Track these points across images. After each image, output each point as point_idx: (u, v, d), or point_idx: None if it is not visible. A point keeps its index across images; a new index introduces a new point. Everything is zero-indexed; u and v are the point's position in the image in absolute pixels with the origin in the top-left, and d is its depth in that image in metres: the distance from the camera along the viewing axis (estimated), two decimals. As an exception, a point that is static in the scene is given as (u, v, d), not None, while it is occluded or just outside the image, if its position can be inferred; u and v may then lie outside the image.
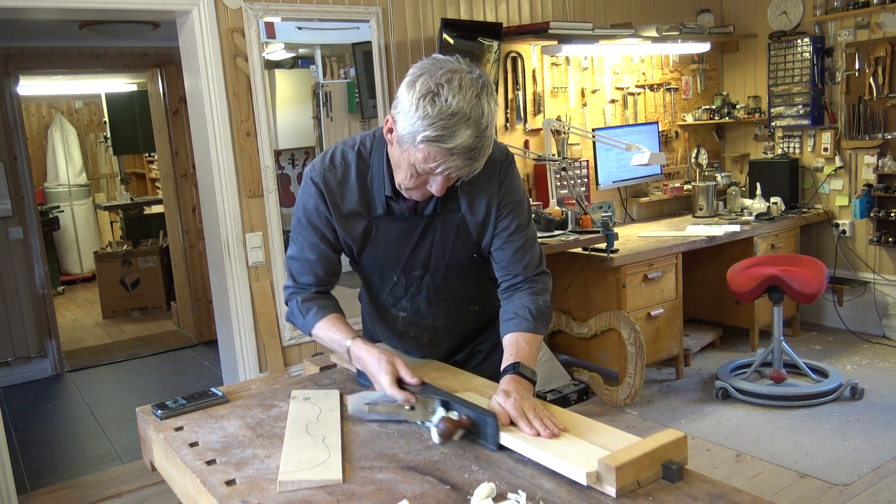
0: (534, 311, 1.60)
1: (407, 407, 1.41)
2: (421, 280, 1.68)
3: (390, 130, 1.44)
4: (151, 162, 8.81)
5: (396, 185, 1.52)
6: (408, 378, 1.47)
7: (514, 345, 1.56)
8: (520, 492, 1.14)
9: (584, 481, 1.15)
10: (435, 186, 1.45)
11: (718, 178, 5.00)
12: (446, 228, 1.62)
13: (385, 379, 1.46)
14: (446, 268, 1.66)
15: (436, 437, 1.34)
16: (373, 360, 1.51)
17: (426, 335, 1.78)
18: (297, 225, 1.66)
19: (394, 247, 1.64)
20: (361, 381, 1.66)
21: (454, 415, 1.36)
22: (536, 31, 4.04)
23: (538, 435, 1.29)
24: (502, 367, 1.53)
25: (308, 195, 1.62)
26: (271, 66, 3.67)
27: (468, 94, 1.33)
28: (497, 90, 4.15)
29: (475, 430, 1.34)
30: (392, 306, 1.75)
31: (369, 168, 1.59)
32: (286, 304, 1.73)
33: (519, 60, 4.29)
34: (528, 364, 1.52)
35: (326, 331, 1.64)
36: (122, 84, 7.56)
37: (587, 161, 4.53)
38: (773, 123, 4.94)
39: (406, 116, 1.36)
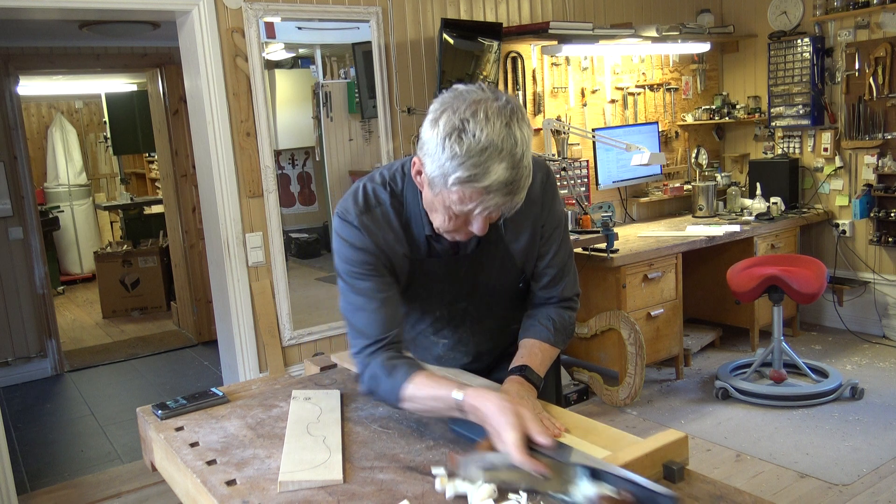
0: (558, 324, 1.58)
1: (541, 476, 1.14)
2: (465, 312, 1.62)
3: (419, 173, 1.33)
4: (151, 162, 8.81)
5: (435, 229, 1.40)
6: (539, 437, 1.20)
7: (528, 350, 1.53)
8: (520, 492, 1.14)
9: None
10: (476, 226, 1.32)
11: (718, 178, 5.00)
12: (491, 262, 1.54)
13: (511, 436, 1.18)
14: (490, 298, 1.60)
15: None
16: (494, 410, 1.24)
17: (467, 358, 1.71)
18: (346, 275, 1.46)
19: (438, 285, 1.55)
20: (456, 428, 1.39)
21: (609, 490, 1.08)
22: (536, 31, 4.04)
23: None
24: (510, 368, 1.50)
25: (350, 240, 1.44)
26: (271, 66, 3.67)
27: (497, 125, 1.22)
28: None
29: None
30: (432, 334, 1.67)
31: (404, 207, 1.46)
32: (360, 373, 1.46)
33: (519, 60, 4.29)
34: (536, 369, 1.49)
35: (424, 387, 1.36)
36: (122, 84, 7.56)
37: (587, 161, 4.53)
38: (773, 123, 4.94)
39: (434, 158, 1.25)
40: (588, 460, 1.14)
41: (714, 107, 5.13)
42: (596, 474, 1.10)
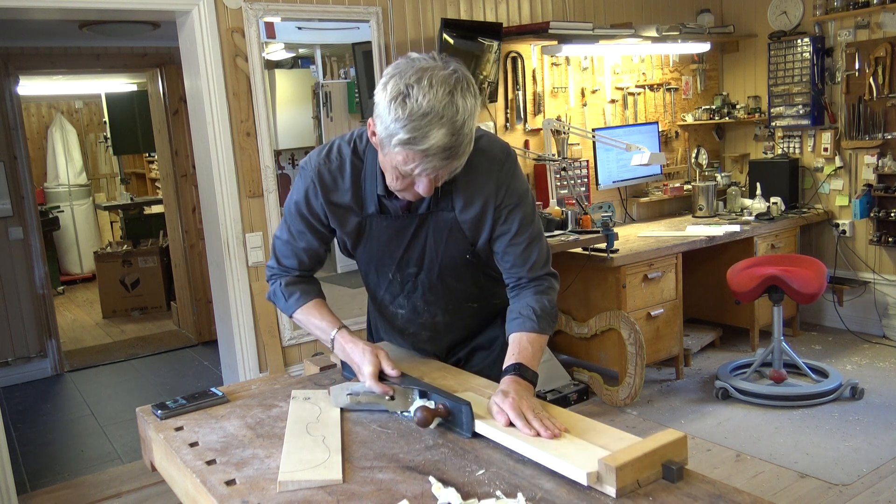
0: (538, 310, 1.59)
1: (387, 398, 1.47)
2: (416, 278, 1.67)
3: (373, 134, 1.41)
4: (151, 162, 8.81)
5: (388, 187, 1.51)
6: (388, 370, 1.50)
7: (517, 345, 1.56)
8: (519, 494, 1.14)
9: (584, 481, 1.15)
10: (421, 187, 1.42)
11: (718, 178, 5.00)
12: (439, 227, 1.60)
13: (368, 370, 1.49)
14: (440, 266, 1.65)
15: (415, 423, 1.39)
16: (357, 351, 1.55)
17: (425, 332, 1.78)
18: (288, 212, 1.67)
19: (387, 245, 1.63)
20: (345, 372, 1.70)
21: (431, 404, 1.41)
22: (536, 31, 4.04)
23: (538, 435, 1.29)
24: (503, 367, 1.53)
25: (302, 186, 1.63)
26: (271, 66, 3.67)
27: (439, 93, 1.30)
28: (497, 90, 4.15)
29: (451, 419, 1.39)
30: (390, 304, 1.76)
31: (363, 164, 1.58)
32: (268, 281, 1.76)
33: (519, 60, 4.29)
34: (529, 365, 1.52)
35: (309, 317, 1.67)
36: (122, 84, 7.56)
37: (587, 161, 4.53)
38: (773, 123, 4.94)
39: (382, 120, 1.34)
40: (419, 384, 1.47)
41: (714, 107, 5.13)
42: (425, 394, 1.44)
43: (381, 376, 1.50)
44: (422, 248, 1.63)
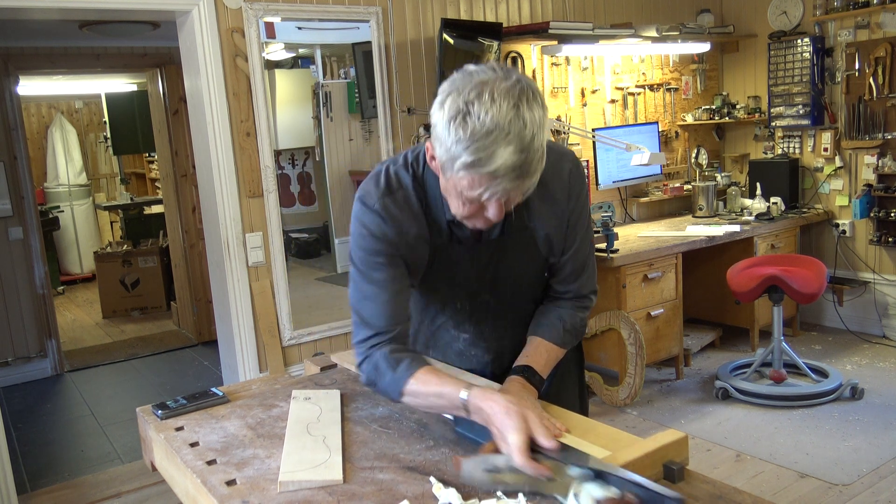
0: (568, 325, 1.53)
1: (544, 478, 1.14)
2: (486, 305, 1.56)
3: (433, 158, 1.29)
4: (151, 162, 8.81)
5: (454, 215, 1.35)
6: (544, 441, 1.18)
7: (534, 349, 1.51)
8: (520, 494, 1.14)
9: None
10: (492, 212, 1.27)
11: (718, 178, 5.00)
12: (515, 250, 1.48)
13: (516, 439, 1.17)
14: (513, 289, 1.55)
15: None
16: (499, 412, 1.22)
17: (489, 356, 1.64)
18: (361, 264, 1.43)
19: (460, 273, 1.50)
20: (459, 430, 1.38)
21: (614, 492, 1.07)
22: (536, 31, 4.04)
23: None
24: (513, 366, 1.49)
25: (370, 226, 1.41)
26: (271, 66, 3.67)
27: (504, 107, 1.16)
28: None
29: None
30: (454, 328, 1.62)
31: (425, 190, 1.42)
32: (359, 364, 1.44)
33: (519, 60, 4.29)
34: (539, 371, 1.47)
35: (428, 383, 1.34)
36: (122, 84, 7.56)
37: (587, 161, 4.53)
38: (773, 123, 4.94)
39: (441, 142, 1.21)
40: (591, 462, 1.13)
41: (714, 107, 5.13)
42: (600, 476, 1.10)
43: (533, 448, 1.18)
44: (494, 274, 1.51)
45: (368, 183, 1.45)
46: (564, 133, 4.31)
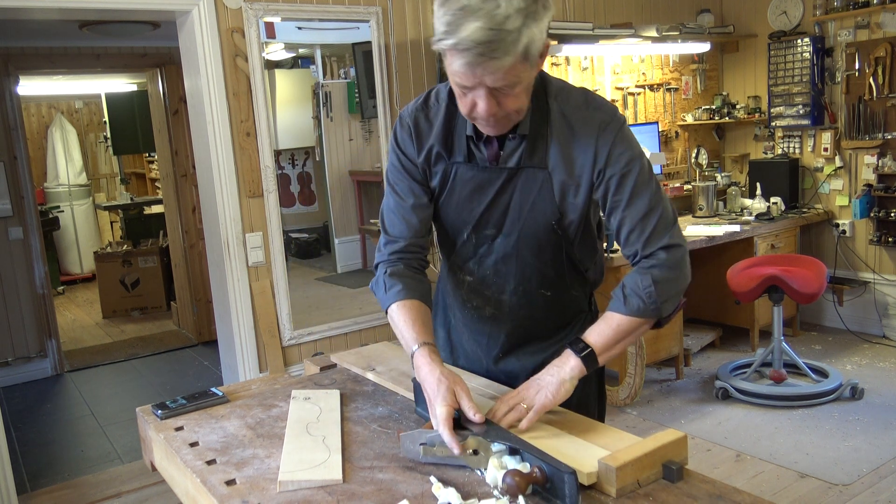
0: (627, 289, 1.43)
1: (469, 451, 1.21)
2: (492, 242, 1.53)
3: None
4: (151, 162, 8.81)
5: (463, 114, 1.39)
6: (470, 413, 1.27)
7: (597, 322, 1.46)
8: (520, 498, 1.14)
9: (584, 481, 1.15)
10: (481, 105, 1.30)
11: (718, 178, 5.00)
12: (528, 185, 1.46)
13: (441, 411, 1.26)
14: (521, 231, 1.50)
15: (501, 493, 1.13)
16: (433, 380, 1.32)
17: (489, 308, 1.61)
18: (390, 171, 1.56)
19: (469, 198, 1.50)
20: (419, 409, 1.48)
21: (525, 466, 1.16)
22: (536, 31, 4.03)
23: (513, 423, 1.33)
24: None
25: (399, 139, 1.54)
26: (271, 66, 3.67)
27: None
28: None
29: (549, 487, 1.13)
30: (460, 268, 1.61)
31: (457, 108, 1.44)
32: (375, 265, 1.58)
33: (519, 60, 4.28)
34: (590, 342, 1.40)
35: (399, 318, 1.47)
36: (122, 84, 7.56)
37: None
38: (773, 123, 4.94)
39: (434, 28, 1.28)
40: (509, 438, 1.22)
41: (714, 107, 5.14)
42: (516, 452, 1.19)
43: (460, 423, 1.27)
44: (505, 206, 1.49)
45: (415, 100, 1.57)
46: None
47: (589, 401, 1.66)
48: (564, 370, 1.38)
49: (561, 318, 1.63)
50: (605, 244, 3.84)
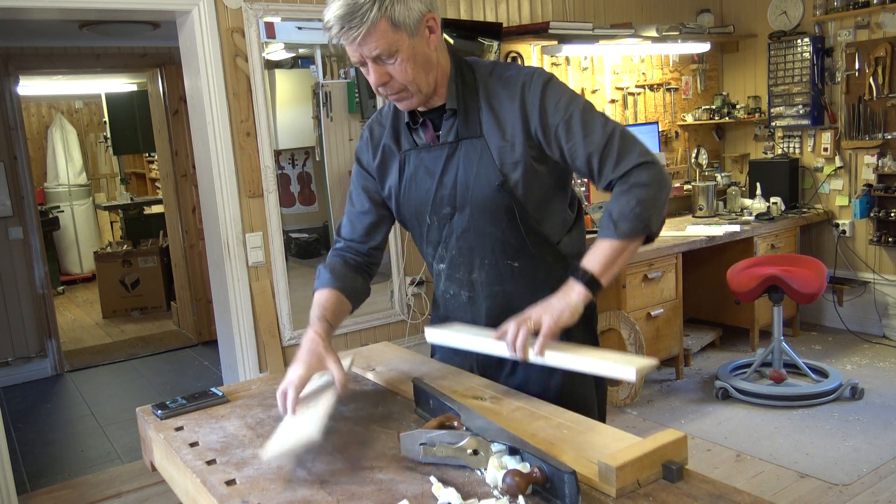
0: (615, 213, 1.46)
1: (469, 451, 1.22)
2: (451, 220, 1.58)
3: None
4: (151, 162, 8.81)
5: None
6: (334, 371, 1.41)
7: (591, 249, 1.49)
8: (520, 495, 1.14)
9: (633, 377, 1.28)
10: (371, 77, 1.45)
11: (718, 178, 5.00)
12: (469, 156, 1.53)
13: (294, 371, 1.42)
14: (471, 203, 1.54)
15: (501, 493, 1.14)
16: (303, 347, 1.47)
17: (464, 292, 1.65)
18: (352, 179, 1.71)
19: (422, 181, 1.58)
20: (419, 409, 1.51)
21: (525, 466, 1.16)
22: (536, 31, 4.04)
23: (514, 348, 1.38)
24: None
25: (357, 150, 1.69)
26: (271, 66, 3.67)
27: None
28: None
29: (549, 487, 1.12)
30: (433, 258, 1.67)
31: None
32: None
33: (519, 60, 4.29)
34: (589, 267, 1.45)
35: (314, 303, 1.60)
36: (122, 84, 7.56)
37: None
38: (773, 123, 4.94)
39: None
40: (509, 438, 1.22)
41: (714, 107, 5.14)
42: (516, 452, 1.19)
43: (459, 423, 1.29)
44: (453, 181, 1.55)
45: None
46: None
47: (589, 401, 1.65)
48: (571, 296, 1.43)
49: (538, 291, 1.57)
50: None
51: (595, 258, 1.46)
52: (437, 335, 1.60)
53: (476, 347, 1.53)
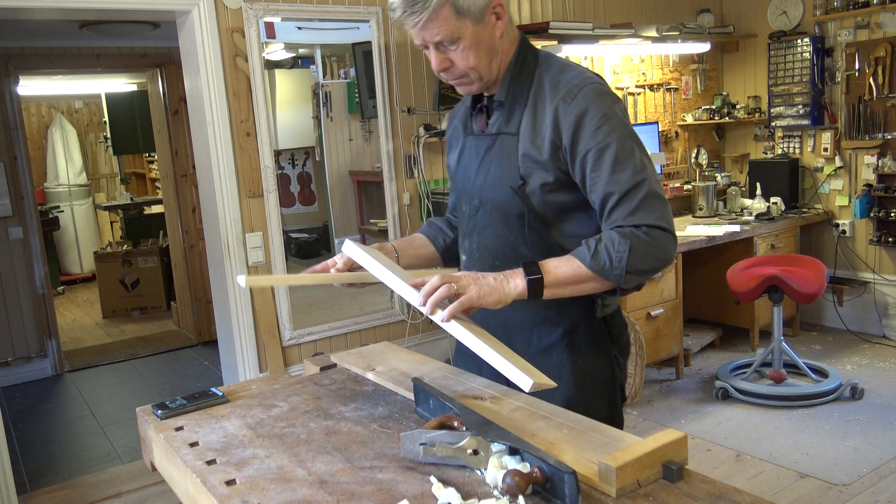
0: (602, 244, 1.35)
1: (469, 451, 1.21)
2: (476, 213, 1.56)
3: None
4: (151, 162, 8.81)
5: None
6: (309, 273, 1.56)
7: (561, 258, 1.39)
8: (520, 495, 1.14)
9: (527, 389, 1.24)
10: (433, 61, 1.45)
11: (718, 178, 5.00)
12: (501, 153, 1.50)
13: (332, 260, 1.56)
14: (493, 199, 1.51)
15: (501, 493, 1.13)
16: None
17: None
18: None
19: (467, 168, 1.59)
20: (419, 409, 1.47)
21: (525, 466, 1.15)
22: (536, 31, 4.04)
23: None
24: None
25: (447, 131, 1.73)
26: (271, 66, 3.67)
27: None
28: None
29: (549, 487, 1.12)
30: (461, 249, 1.66)
31: None
32: None
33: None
34: (544, 268, 1.35)
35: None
36: (122, 84, 7.56)
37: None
38: (773, 123, 4.94)
39: None
40: (511, 439, 1.21)
41: (714, 107, 5.14)
42: (516, 451, 1.18)
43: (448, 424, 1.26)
44: (485, 175, 1.53)
45: None
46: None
47: (601, 407, 1.58)
48: (509, 285, 1.35)
49: (539, 310, 1.53)
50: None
51: (555, 269, 1.37)
52: (357, 252, 1.50)
53: (389, 282, 1.43)
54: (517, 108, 1.48)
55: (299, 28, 3.73)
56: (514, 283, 1.35)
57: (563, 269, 1.36)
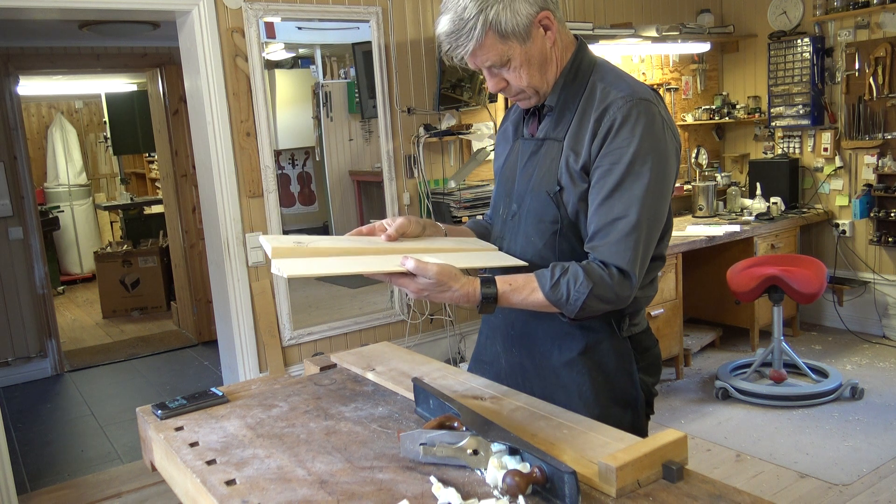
0: (566, 277, 1.36)
1: (469, 451, 1.21)
2: (513, 218, 1.55)
3: None
4: (151, 162, 8.81)
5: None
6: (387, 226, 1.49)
7: (519, 275, 1.41)
8: (520, 495, 1.14)
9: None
10: (489, 83, 1.48)
11: (718, 178, 5.00)
12: (545, 158, 1.49)
13: (366, 226, 1.51)
14: (529, 205, 1.50)
15: (501, 493, 1.13)
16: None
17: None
18: None
19: (510, 170, 1.59)
20: (419, 409, 1.48)
21: (525, 466, 1.15)
22: (536, 31, 4.03)
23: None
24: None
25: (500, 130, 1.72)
26: (271, 66, 3.67)
27: None
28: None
29: (549, 487, 1.12)
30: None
31: None
32: None
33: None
34: (500, 289, 1.37)
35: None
36: (122, 84, 7.56)
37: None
38: (773, 123, 4.94)
39: None
40: (509, 438, 1.21)
41: (714, 107, 5.14)
42: (516, 452, 1.18)
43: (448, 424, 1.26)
44: (528, 179, 1.52)
45: None
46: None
47: (623, 427, 1.48)
48: (459, 291, 1.35)
49: (565, 332, 1.53)
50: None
51: (513, 290, 1.38)
52: (274, 245, 1.37)
53: (338, 269, 1.36)
54: (567, 114, 1.47)
55: (299, 28, 3.73)
56: (466, 292, 1.36)
57: (520, 294, 1.39)
